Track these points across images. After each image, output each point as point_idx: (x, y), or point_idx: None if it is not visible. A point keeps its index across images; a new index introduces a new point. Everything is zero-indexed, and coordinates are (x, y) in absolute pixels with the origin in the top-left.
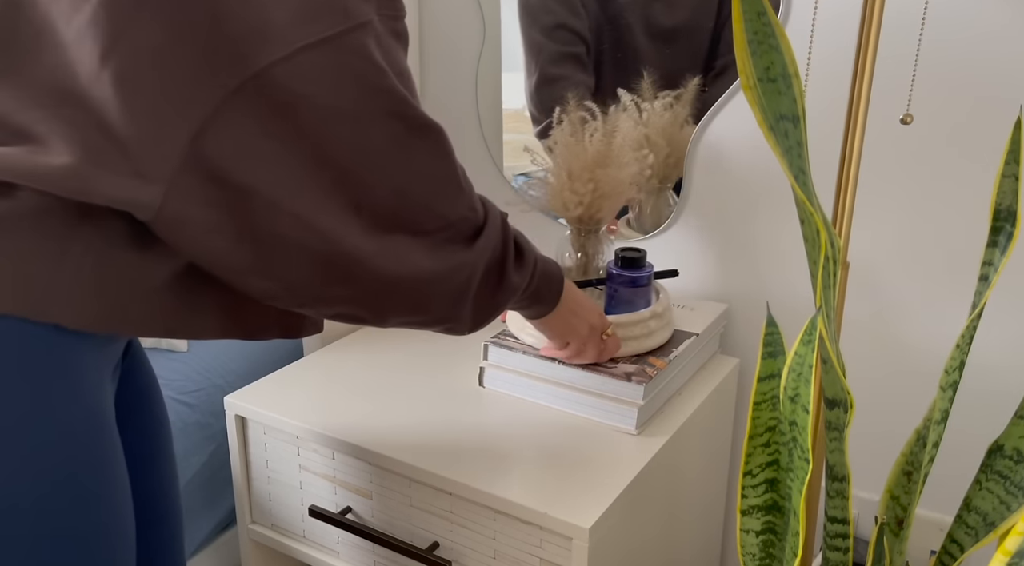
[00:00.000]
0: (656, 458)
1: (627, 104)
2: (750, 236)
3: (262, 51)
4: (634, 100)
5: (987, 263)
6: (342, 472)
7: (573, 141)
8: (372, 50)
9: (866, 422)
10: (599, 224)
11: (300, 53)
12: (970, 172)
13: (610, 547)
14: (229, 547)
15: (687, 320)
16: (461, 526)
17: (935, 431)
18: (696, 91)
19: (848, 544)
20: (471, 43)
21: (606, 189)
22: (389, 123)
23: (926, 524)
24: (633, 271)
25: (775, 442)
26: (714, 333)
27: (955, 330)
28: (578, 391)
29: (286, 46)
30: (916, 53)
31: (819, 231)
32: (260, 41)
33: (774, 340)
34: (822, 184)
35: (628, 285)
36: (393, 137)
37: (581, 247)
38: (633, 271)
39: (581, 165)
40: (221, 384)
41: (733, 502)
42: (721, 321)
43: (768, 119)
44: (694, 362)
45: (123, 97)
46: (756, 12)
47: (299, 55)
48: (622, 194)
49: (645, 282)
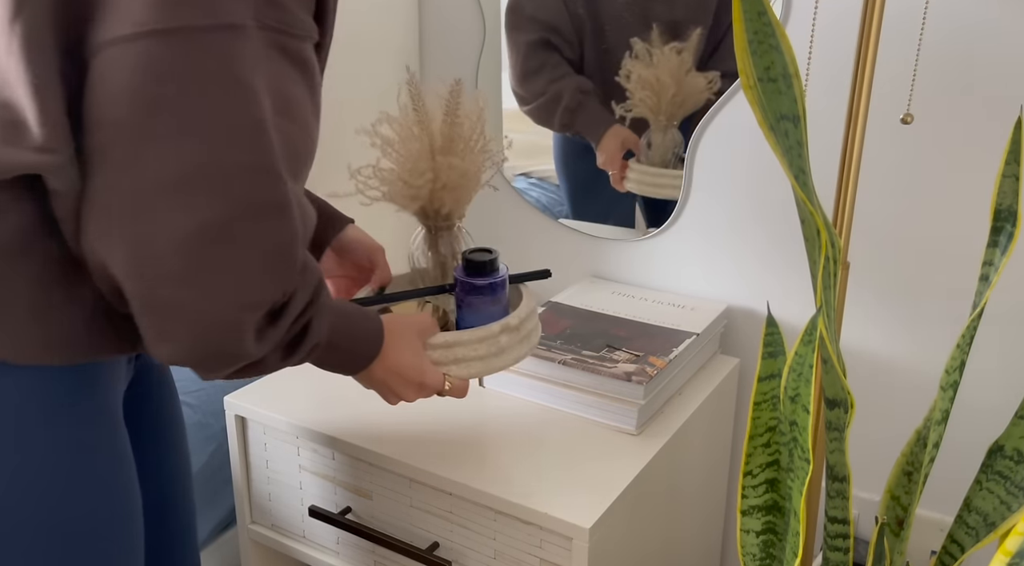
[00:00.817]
0: (656, 458)
1: (639, 52)
2: (750, 236)
3: (103, 26)
4: (646, 47)
5: (987, 263)
6: (342, 472)
7: (413, 122)
8: (236, 59)
9: (866, 422)
10: (449, 220)
11: (145, 37)
12: (970, 172)
13: (610, 547)
14: (229, 547)
15: (687, 320)
16: (461, 526)
17: (935, 431)
18: (700, 40)
19: (848, 544)
20: (471, 43)
21: (448, 180)
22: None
23: (926, 524)
24: (481, 277)
25: (775, 442)
26: (714, 333)
27: (955, 330)
28: (578, 391)
29: (134, 25)
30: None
31: (819, 231)
32: (106, 13)
33: (774, 340)
34: (822, 184)
35: (476, 293)
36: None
37: (433, 246)
38: (481, 277)
39: (418, 152)
40: (221, 384)
41: (733, 502)
42: (721, 321)
43: (768, 119)
44: (694, 362)
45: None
46: (756, 12)
47: (144, 39)
48: (469, 187)
49: (496, 290)
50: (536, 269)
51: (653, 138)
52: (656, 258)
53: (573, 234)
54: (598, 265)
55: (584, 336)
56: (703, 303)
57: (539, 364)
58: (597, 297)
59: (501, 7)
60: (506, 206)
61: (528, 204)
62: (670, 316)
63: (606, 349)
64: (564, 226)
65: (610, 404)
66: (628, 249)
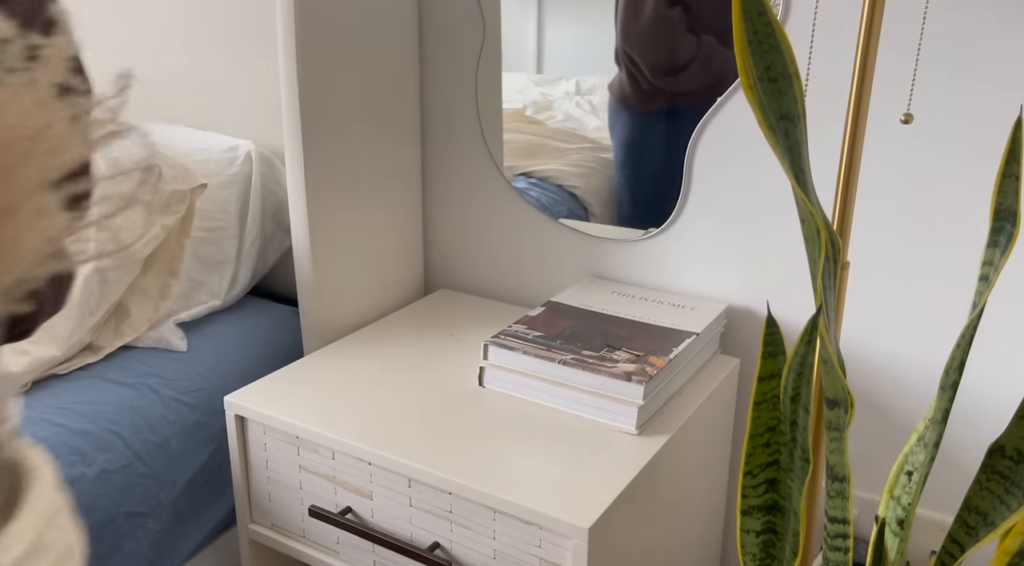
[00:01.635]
0: (656, 458)
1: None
2: (750, 236)
3: None
4: None
5: (987, 263)
6: (342, 472)
7: None
8: None
9: (866, 422)
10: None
11: None
12: (970, 172)
13: (610, 547)
14: (229, 547)
15: (687, 320)
16: (461, 526)
17: (935, 431)
18: None
19: (848, 544)
20: (471, 43)
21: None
22: None
23: (926, 524)
24: None
25: (775, 442)
26: (714, 333)
27: (955, 330)
28: (578, 391)
29: None
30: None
31: (819, 231)
32: None
33: (774, 340)
34: (822, 184)
35: None
36: None
37: None
38: None
39: None
40: (221, 384)
41: (733, 502)
42: (721, 321)
43: (768, 119)
44: (694, 362)
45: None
46: (756, 12)
47: None
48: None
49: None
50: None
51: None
52: (656, 258)
53: (573, 234)
54: (598, 265)
55: (584, 336)
56: (703, 303)
57: (539, 364)
58: (597, 297)
59: (501, 7)
60: (506, 206)
61: (528, 204)
62: (670, 316)
63: (606, 349)
64: (564, 226)
65: (610, 404)
66: (628, 249)
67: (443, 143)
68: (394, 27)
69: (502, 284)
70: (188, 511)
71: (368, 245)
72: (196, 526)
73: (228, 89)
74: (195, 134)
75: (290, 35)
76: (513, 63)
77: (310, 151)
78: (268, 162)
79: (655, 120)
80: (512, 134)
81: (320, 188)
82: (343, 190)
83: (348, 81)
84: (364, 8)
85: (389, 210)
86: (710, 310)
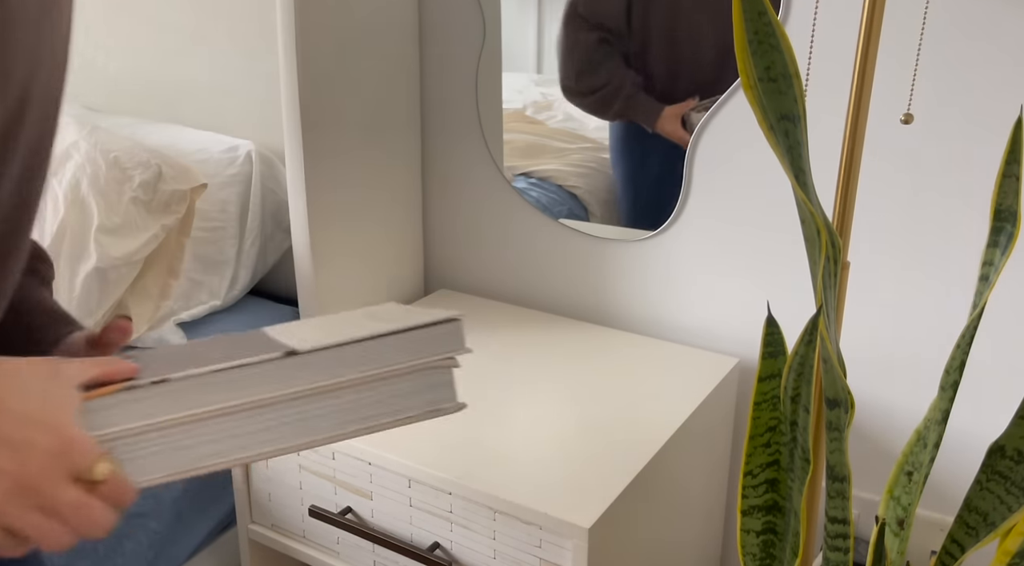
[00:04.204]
0: (656, 458)
1: None
2: (750, 236)
3: None
4: None
5: (987, 263)
6: (342, 472)
7: None
8: None
9: (866, 422)
10: None
11: None
12: (970, 171)
13: (610, 547)
14: (229, 547)
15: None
16: (461, 526)
17: (935, 431)
18: None
19: (848, 544)
20: (471, 43)
21: None
22: None
23: (926, 524)
24: None
25: (776, 442)
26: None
27: (955, 330)
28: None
29: None
30: (916, 53)
31: (819, 231)
32: None
33: (774, 340)
34: (822, 184)
35: None
36: None
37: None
38: None
39: None
40: None
41: (733, 502)
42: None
43: (768, 119)
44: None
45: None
46: (756, 12)
47: None
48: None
49: None
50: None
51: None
52: (656, 258)
53: (573, 234)
54: (598, 265)
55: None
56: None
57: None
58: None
59: (501, 7)
60: (506, 206)
61: (528, 204)
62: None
63: None
64: (564, 226)
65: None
66: (628, 249)
67: (443, 143)
68: (394, 27)
69: (502, 284)
70: (188, 511)
71: (368, 245)
72: (196, 526)
73: (228, 89)
74: (195, 134)
75: (290, 35)
76: (513, 63)
77: (310, 151)
78: (268, 162)
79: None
80: (512, 134)
81: (320, 188)
82: (343, 190)
83: (348, 81)
84: (364, 8)
85: (389, 210)
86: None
